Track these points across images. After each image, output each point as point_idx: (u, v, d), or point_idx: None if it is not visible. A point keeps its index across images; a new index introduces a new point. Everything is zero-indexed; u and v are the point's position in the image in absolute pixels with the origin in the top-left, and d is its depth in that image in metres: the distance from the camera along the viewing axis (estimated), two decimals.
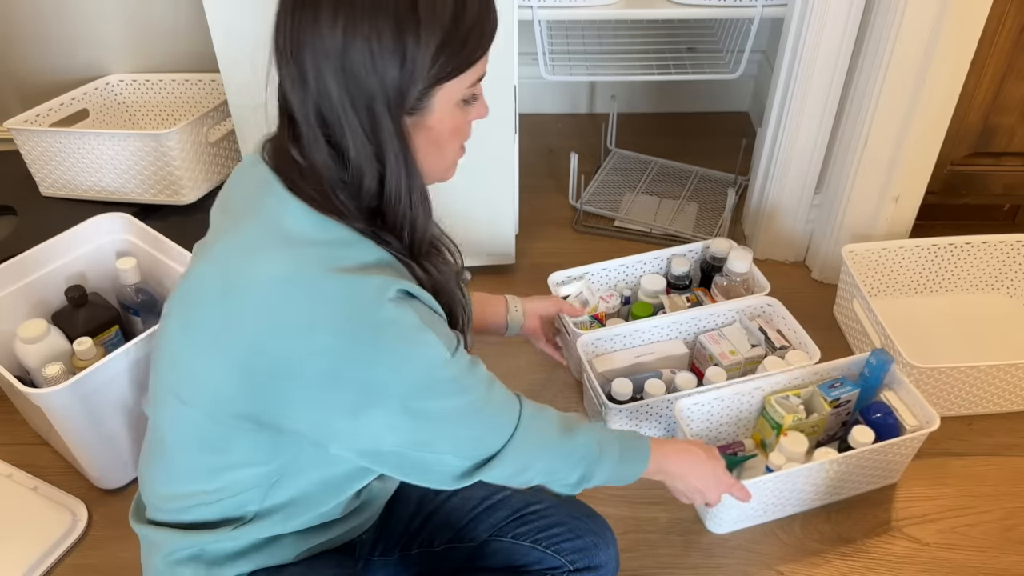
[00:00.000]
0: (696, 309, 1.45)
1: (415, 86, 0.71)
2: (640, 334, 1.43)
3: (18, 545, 1.28)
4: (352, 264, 0.74)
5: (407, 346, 0.73)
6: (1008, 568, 1.26)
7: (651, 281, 1.53)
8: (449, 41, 0.71)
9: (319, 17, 0.69)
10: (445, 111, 0.76)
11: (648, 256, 1.56)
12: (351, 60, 0.69)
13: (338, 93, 0.70)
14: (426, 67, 0.71)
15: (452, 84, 0.74)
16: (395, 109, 0.72)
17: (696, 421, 1.33)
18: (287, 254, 0.74)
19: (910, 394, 1.30)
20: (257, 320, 0.73)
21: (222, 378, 0.75)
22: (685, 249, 1.56)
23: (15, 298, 1.40)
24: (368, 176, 0.74)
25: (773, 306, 1.46)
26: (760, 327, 1.44)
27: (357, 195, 0.75)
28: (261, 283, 0.73)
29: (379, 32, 0.68)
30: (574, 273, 1.52)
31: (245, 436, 0.78)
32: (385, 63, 0.69)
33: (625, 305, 1.55)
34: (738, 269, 1.48)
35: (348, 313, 0.71)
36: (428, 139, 0.77)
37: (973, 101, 1.60)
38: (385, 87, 0.70)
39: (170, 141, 1.58)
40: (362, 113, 0.71)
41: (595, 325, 1.48)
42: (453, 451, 0.81)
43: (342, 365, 0.72)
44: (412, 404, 0.75)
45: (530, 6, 1.66)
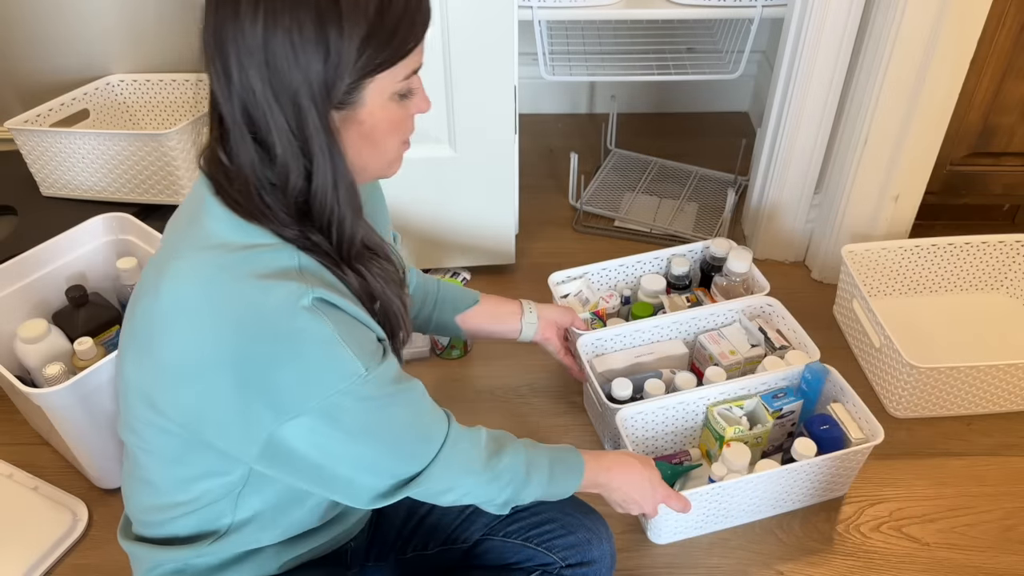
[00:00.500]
0: (696, 309, 1.45)
1: (341, 79, 0.69)
2: (640, 334, 1.43)
3: (18, 545, 1.28)
4: (269, 269, 0.72)
5: (318, 359, 0.71)
6: (1008, 568, 1.26)
7: (651, 281, 1.53)
8: (375, 32, 0.69)
9: (240, 11, 0.67)
10: (377, 105, 0.74)
11: (648, 256, 1.55)
12: (273, 54, 0.67)
13: (262, 88, 0.69)
14: (352, 60, 0.69)
15: (383, 77, 0.72)
16: (321, 103, 0.70)
17: (640, 430, 1.31)
18: (202, 260, 0.73)
19: (857, 406, 1.28)
20: (170, 327, 0.72)
21: (156, 389, 0.76)
22: (685, 249, 1.56)
23: (15, 298, 1.40)
24: (294, 172, 0.72)
25: (773, 306, 1.45)
26: (760, 327, 1.43)
27: (284, 193, 0.74)
28: (173, 290, 0.73)
29: (300, 24, 0.67)
30: (574, 273, 1.52)
31: (196, 447, 0.78)
32: (308, 56, 0.68)
33: (625, 305, 1.55)
34: (738, 269, 1.48)
35: (256, 321, 0.70)
36: (360, 134, 0.75)
37: (973, 101, 1.60)
38: (309, 81, 0.69)
39: (170, 141, 1.58)
40: (287, 108, 0.70)
41: (596, 323, 1.48)
42: (371, 469, 0.79)
43: (251, 375, 0.70)
44: (326, 418, 0.73)
45: (530, 6, 1.66)
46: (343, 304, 0.74)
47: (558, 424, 1.49)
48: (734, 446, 1.24)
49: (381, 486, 0.80)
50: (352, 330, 0.74)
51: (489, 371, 1.57)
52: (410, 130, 0.80)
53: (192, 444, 0.77)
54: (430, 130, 1.54)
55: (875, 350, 1.47)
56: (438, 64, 1.46)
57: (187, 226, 0.78)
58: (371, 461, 0.78)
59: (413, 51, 0.73)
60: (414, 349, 1.60)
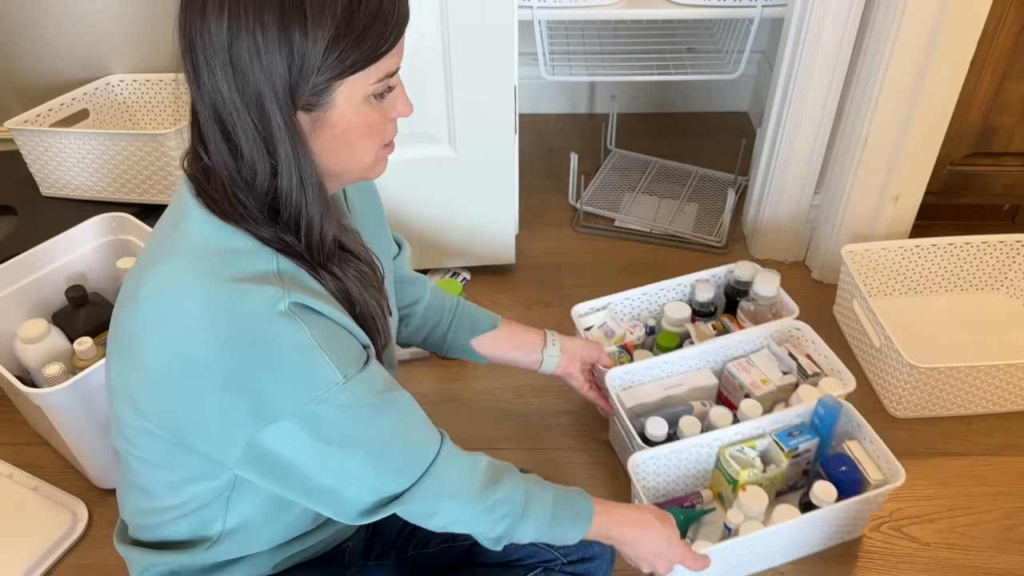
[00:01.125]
0: (723, 337, 1.39)
1: (306, 81, 0.69)
2: (669, 366, 1.37)
3: (18, 545, 1.28)
4: (247, 273, 0.71)
5: (294, 365, 0.70)
6: (1008, 568, 1.26)
7: (675, 309, 1.47)
8: (343, 34, 0.68)
9: (206, 12, 0.67)
10: (349, 107, 0.72)
11: (671, 283, 1.50)
12: (237, 55, 0.67)
13: (227, 89, 0.69)
14: (317, 62, 0.68)
15: (355, 79, 0.71)
16: (284, 104, 0.69)
17: (652, 476, 1.25)
18: (179, 263, 0.73)
19: (875, 445, 1.23)
20: (150, 332, 0.72)
21: (139, 394, 0.75)
22: (708, 274, 1.50)
23: (15, 298, 1.40)
24: (261, 172, 0.72)
25: (802, 330, 1.40)
26: (789, 352, 1.38)
27: (252, 193, 0.73)
28: (151, 294, 0.73)
29: (264, 25, 0.66)
30: (597, 304, 1.47)
31: (182, 451, 0.77)
32: (271, 57, 0.67)
33: (650, 335, 1.49)
34: (765, 293, 1.42)
35: (233, 325, 0.69)
36: (331, 136, 0.73)
37: (973, 101, 1.60)
38: (273, 82, 0.68)
39: (170, 141, 1.58)
40: (252, 109, 0.69)
41: (623, 356, 1.43)
42: (354, 481, 0.77)
43: (229, 378, 0.70)
44: (305, 425, 0.72)
45: (530, 6, 1.66)
46: (324, 309, 0.73)
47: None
48: (750, 490, 1.19)
49: (366, 501, 0.79)
50: (332, 336, 0.73)
51: (489, 370, 1.57)
52: (390, 133, 0.79)
53: (177, 448, 0.77)
54: (430, 130, 1.54)
55: (875, 350, 1.47)
56: (438, 64, 1.46)
57: (168, 230, 0.78)
58: (354, 473, 0.77)
59: (387, 54, 0.72)
60: (413, 350, 1.60)
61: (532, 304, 1.73)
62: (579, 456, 1.42)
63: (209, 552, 0.86)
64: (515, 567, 1.01)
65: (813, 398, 1.28)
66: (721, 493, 1.29)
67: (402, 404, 0.80)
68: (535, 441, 1.46)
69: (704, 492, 1.30)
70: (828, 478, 1.22)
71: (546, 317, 1.69)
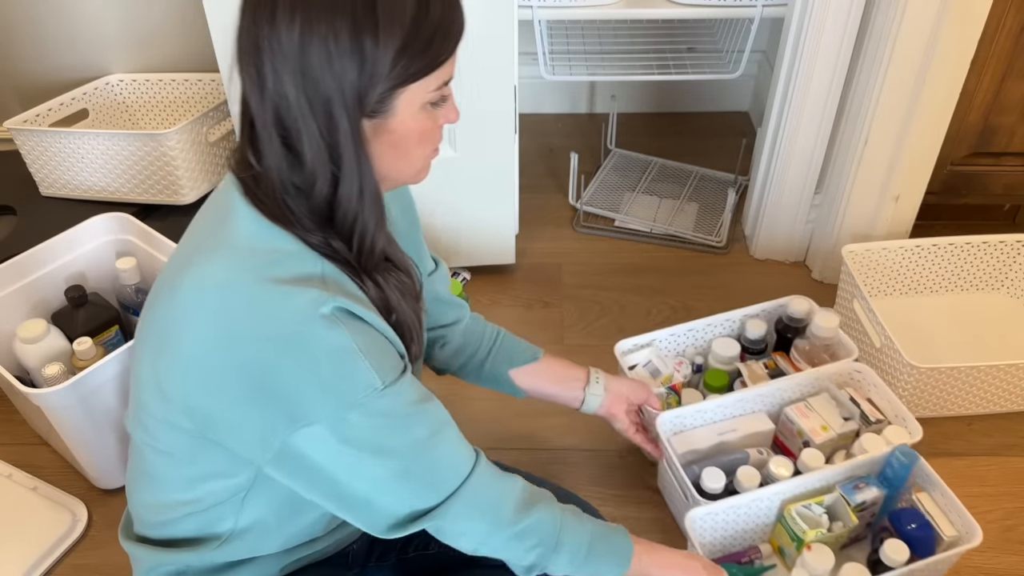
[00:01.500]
0: (779, 380, 1.32)
1: (374, 88, 0.70)
2: (722, 409, 1.31)
3: (18, 545, 1.28)
4: (291, 275, 0.72)
5: (333, 368, 0.71)
6: (1008, 568, 1.26)
7: (724, 346, 1.40)
8: (410, 43, 0.69)
9: (276, 17, 0.67)
10: (408, 114, 0.74)
11: (718, 319, 1.44)
12: (308, 62, 0.68)
13: (295, 95, 0.69)
14: (386, 69, 0.69)
15: (416, 87, 0.72)
16: (353, 111, 0.70)
17: (710, 531, 1.19)
18: (224, 260, 0.73)
19: (946, 497, 1.16)
20: (189, 325, 0.72)
21: (171, 386, 0.76)
22: (758, 309, 1.45)
23: (15, 298, 1.40)
24: (322, 179, 0.72)
25: (863, 372, 1.33)
26: (851, 397, 1.31)
27: (308, 198, 0.74)
28: (194, 288, 0.73)
29: (336, 33, 0.67)
30: (641, 341, 1.41)
31: (206, 446, 0.77)
32: (343, 64, 0.68)
33: (696, 374, 1.44)
34: (823, 333, 1.36)
35: (275, 326, 0.70)
36: (390, 142, 0.75)
37: (973, 101, 1.60)
38: (343, 89, 0.69)
39: (170, 141, 1.58)
40: (319, 115, 0.70)
41: (671, 397, 1.37)
42: (387, 491, 0.77)
43: (266, 379, 0.70)
44: (339, 430, 0.72)
45: (530, 6, 1.66)
46: (367, 316, 0.74)
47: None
48: (816, 548, 1.12)
49: (396, 514, 0.78)
50: (373, 342, 0.74)
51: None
52: (439, 139, 0.81)
53: (200, 442, 0.77)
54: None
55: (875, 350, 1.47)
56: None
57: (214, 225, 0.78)
58: (385, 483, 0.76)
59: (446, 62, 0.73)
60: None
61: (532, 304, 1.73)
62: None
63: (217, 551, 0.85)
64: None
65: (879, 448, 1.22)
66: (782, 548, 1.22)
67: (437, 416, 0.80)
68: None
69: (763, 546, 1.24)
70: (897, 534, 1.16)
71: (546, 317, 1.69)
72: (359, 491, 0.76)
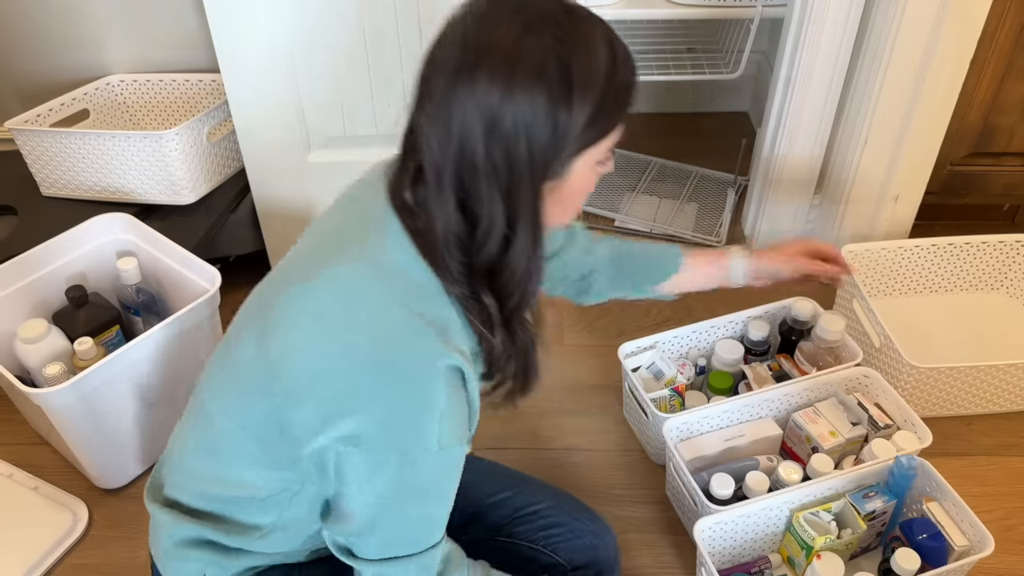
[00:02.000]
0: (786, 384, 1.33)
1: (562, 155, 0.71)
2: (728, 414, 1.31)
3: (19, 545, 1.28)
4: (425, 311, 0.73)
5: (412, 412, 0.72)
6: (1008, 568, 1.26)
7: (727, 348, 1.41)
8: (600, 110, 0.70)
9: (476, 74, 0.68)
10: (582, 174, 0.75)
11: (722, 320, 1.45)
12: (502, 126, 0.68)
13: (483, 156, 0.69)
14: (575, 137, 0.70)
15: (592, 150, 0.73)
16: (538, 178, 0.71)
17: (719, 540, 1.19)
18: (367, 270, 0.74)
19: (957, 507, 1.16)
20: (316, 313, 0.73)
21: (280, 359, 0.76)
22: (762, 311, 1.46)
23: (15, 298, 1.40)
24: (493, 240, 0.73)
25: (870, 377, 1.34)
26: (859, 402, 1.31)
27: (470, 254, 0.74)
28: (333, 284, 0.74)
29: (533, 101, 0.67)
30: (644, 343, 1.41)
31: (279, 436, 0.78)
32: (537, 133, 0.68)
33: (699, 376, 1.44)
34: (829, 336, 1.36)
35: (392, 351, 0.71)
36: (559, 200, 0.75)
37: (973, 101, 1.60)
38: (533, 156, 0.69)
39: (170, 141, 1.58)
40: (504, 180, 0.70)
41: (675, 399, 1.38)
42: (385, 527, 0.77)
43: (351, 390, 0.71)
44: (378, 464, 0.73)
45: None
46: (471, 386, 0.75)
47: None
48: (826, 558, 1.11)
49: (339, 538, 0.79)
50: (457, 411, 0.75)
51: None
52: (593, 189, 0.81)
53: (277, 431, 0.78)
54: None
55: (875, 350, 1.47)
56: None
57: (360, 232, 0.78)
58: (387, 520, 0.77)
59: (620, 123, 0.74)
60: None
61: None
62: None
63: (254, 541, 0.86)
64: (520, 572, 1.00)
65: (888, 453, 1.22)
66: (792, 557, 1.22)
67: (445, 498, 0.80)
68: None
69: (772, 556, 1.24)
70: (909, 543, 1.16)
71: (547, 317, 1.69)
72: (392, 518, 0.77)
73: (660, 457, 1.39)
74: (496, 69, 0.67)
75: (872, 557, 1.26)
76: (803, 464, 1.28)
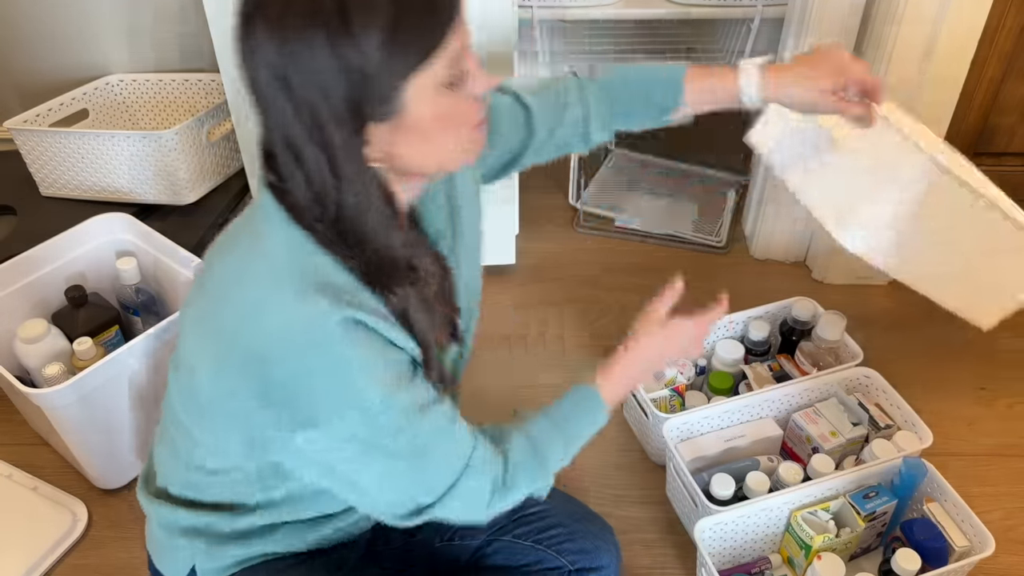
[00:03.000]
0: (786, 385, 1.32)
1: (368, 94, 0.66)
2: (729, 415, 1.31)
3: (18, 545, 1.28)
4: (310, 283, 0.71)
5: (334, 380, 0.71)
6: (1008, 568, 1.26)
7: (727, 348, 1.41)
8: (394, 36, 0.64)
9: (257, 31, 0.65)
10: (423, 106, 0.69)
11: (723, 321, 1.44)
12: (290, 78, 0.65)
13: (293, 114, 0.67)
14: (373, 71, 0.65)
15: (421, 77, 0.67)
16: (349, 124, 0.67)
17: (719, 541, 1.19)
18: (254, 260, 0.74)
19: (957, 507, 1.16)
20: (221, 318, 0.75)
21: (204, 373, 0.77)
22: (762, 311, 1.46)
23: (15, 298, 1.40)
24: (330, 197, 0.71)
25: (871, 377, 1.34)
26: (859, 402, 1.31)
27: (321, 210, 0.72)
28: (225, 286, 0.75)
29: (311, 45, 0.64)
30: None
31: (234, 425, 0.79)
32: (325, 78, 0.65)
33: (700, 375, 1.44)
34: (829, 336, 1.36)
35: (287, 332, 0.71)
36: (416, 138, 0.71)
37: (973, 101, 1.60)
38: (331, 103, 0.66)
39: (170, 141, 1.58)
40: (316, 133, 0.67)
41: (675, 399, 1.38)
42: (387, 488, 0.79)
43: (273, 381, 0.72)
44: (338, 435, 0.74)
45: (530, 6, 1.66)
46: (376, 325, 0.73)
47: None
48: (826, 558, 1.11)
49: (400, 506, 0.80)
50: (379, 355, 0.73)
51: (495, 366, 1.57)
52: (476, 115, 0.75)
53: (232, 421, 0.79)
54: None
55: None
56: None
57: (246, 224, 0.79)
58: (384, 480, 0.78)
59: (448, 36, 0.67)
60: None
61: (532, 304, 1.72)
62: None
63: (244, 518, 0.87)
64: (522, 573, 1.01)
65: (889, 454, 1.22)
66: (792, 558, 1.22)
67: (436, 423, 0.79)
68: None
69: (773, 556, 1.24)
70: (909, 544, 1.16)
71: (547, 317, 1.69)
72: (361, 484, 0.78)
73: (660, 457, 1.39)
74: (269, 23, 0.65)
75: (872, 557, 1.26)
76: (804, 464, 1.28)
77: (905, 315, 1.67)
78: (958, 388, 1.53)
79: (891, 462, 1.21)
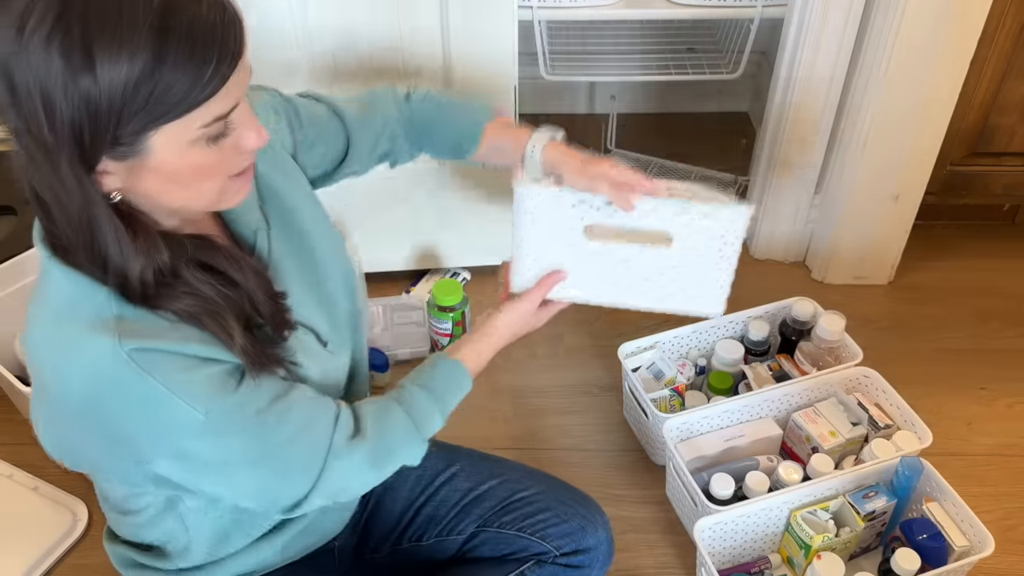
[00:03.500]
0: (786, 384, 1.33)
1: (101, 133, 0.61)
2: (729, 415, 1.31)
3: (18, 545, 1.28)
4: (87, 321, 0.68)
5: (149, 415, 0.69)
6: (1008, 568, 1.26)
7: (727, 348, 1.41)
8: (144, 81, 0.60)
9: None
10: (172, 154, 0.64)
11: (722, 320, 1.43)
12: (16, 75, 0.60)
13: (13, 115, 0.62)
14: (114, 111, 0.60)
15: (172, 128, 0.63)
16: (72, 146, 0.62)
17: (719, 540, 1.19)
18: (36, 312, 0.74)
19: (957, 507, 1.17)
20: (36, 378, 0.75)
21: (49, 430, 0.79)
22: (762, 311, 1.46)
23: (15, 298, 1.40)
24: (60, 219, 0.67)
25: (870, 377, 1.34)
26: (859, 402, 1.31)
27: (72, 240, 0.68)
28: (30, 350, 0.75)
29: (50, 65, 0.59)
30: (644, 343, 1.40)
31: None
32: (61, 103, 0.60)
33: (700, 375, 1.44)
34: (829, 336, 1.36)
35: (85, 381, 0.68)
36: (159, 180, 0.66)
37: (973, 101, 1.59)
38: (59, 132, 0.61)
39: None
40: (38, 155, 0.63)
41: (675, 400, 1.38)
42: (251, 493, 0.79)
43: (99, 427, 0.71)
44: (186, 458, 0.73)
45: (530, 6, 1.66)
46: (169, 347, 0.69)
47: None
48: (825, 558, 1.11)
49: (283, 500, 0.80)
50: (185, 373, 0.69)
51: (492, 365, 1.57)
52: (238, 164, 0.71)
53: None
54: None
55: None
56: (437, 64, 1.45)
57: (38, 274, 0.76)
58: (245, 486, 0.78)
59: (210, 99, 0.63)
60: (413, 349, 1.59)
61: None
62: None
63: (185, 558, 0.88)
64: (508, 561, 1.01)
65: (889, 454, 1.22)
66: (791, 558, 1.22)
67: (288, 413, 0.77)
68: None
69: (772, 556, 1.24)
70: (909, 544, 1.16)
71: None
72: (237, 491, 0.79)
73: (660, 457, 1.39)
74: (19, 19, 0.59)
75: (872, 557, 1.26)
76: (803, 464, 1.28)
77: (905, 315, 1.67)
78: (958, 388, 1.53)
79: (890, 462, 1.21)
